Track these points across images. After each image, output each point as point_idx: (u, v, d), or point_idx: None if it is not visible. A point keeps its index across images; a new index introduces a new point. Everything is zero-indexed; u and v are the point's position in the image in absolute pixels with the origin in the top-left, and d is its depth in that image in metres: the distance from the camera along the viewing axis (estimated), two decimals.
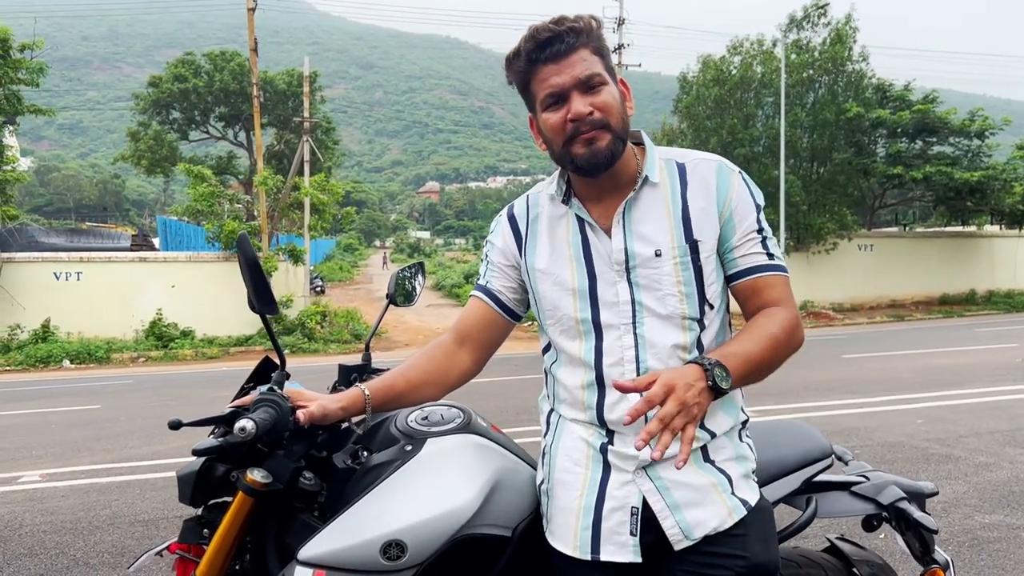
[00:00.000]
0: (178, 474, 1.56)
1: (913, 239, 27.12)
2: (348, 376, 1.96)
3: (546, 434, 1.64)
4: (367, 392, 1.58)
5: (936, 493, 2.01)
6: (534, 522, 1.61)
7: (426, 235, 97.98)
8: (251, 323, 19.15)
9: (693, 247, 1.48)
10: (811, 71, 24.21)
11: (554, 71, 1.43)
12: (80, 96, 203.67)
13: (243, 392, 1.67)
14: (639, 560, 1.46)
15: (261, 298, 1.49)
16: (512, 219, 1.65)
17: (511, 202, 1.73)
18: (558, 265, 1.55)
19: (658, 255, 1.48)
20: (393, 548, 1.48)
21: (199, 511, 1.62)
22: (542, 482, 1.61)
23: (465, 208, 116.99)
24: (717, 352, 1.42)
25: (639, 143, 1.57)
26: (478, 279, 1.71)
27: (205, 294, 19.08)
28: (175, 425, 1.48)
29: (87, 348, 17.51)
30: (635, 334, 1.48)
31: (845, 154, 23.97)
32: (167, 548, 1.69)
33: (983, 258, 26.43)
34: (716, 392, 1.33)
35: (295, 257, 20.39)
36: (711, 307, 1.51)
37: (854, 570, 1.94)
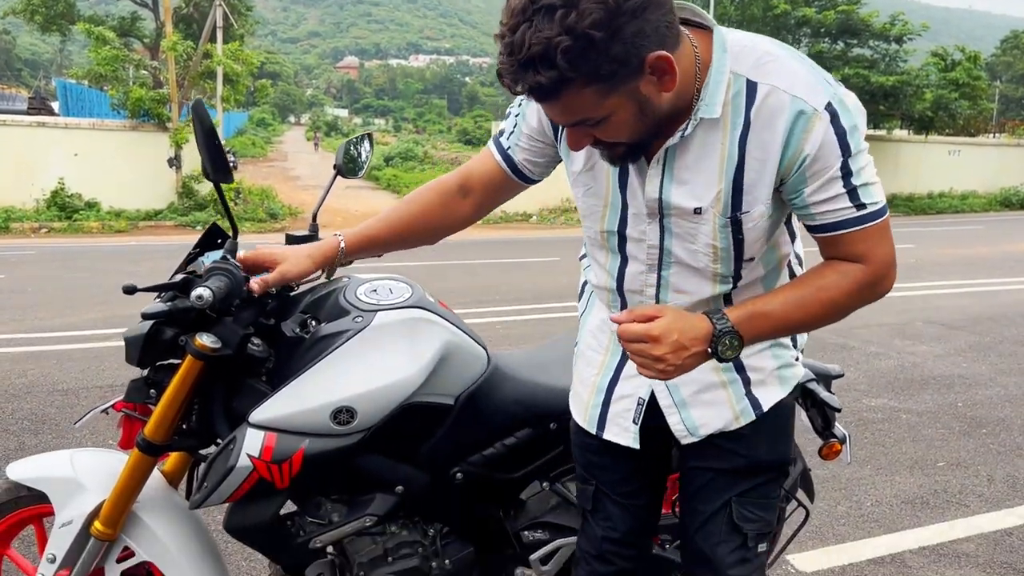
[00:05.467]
0: (125, 336, 1.58)
1: None
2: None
3: (580, 299, 1.66)
4: (343, 244, 1.58)
5: (842, 375, 2.20)
6: (475, 391, 1.70)
7: (344, 113, 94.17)
8: (161, 198, 18.45)
9: (735, 220, 1.26)
10: None
11: (544, 107, 1.19)
12: None
13: (190, 259, 1.67)
14: (637, 447, 1.49)
15: (216, 166, 1.48)
16: None
17: None
18: (593, 177, 1.36)
19: (697, 212, 1.27)
20: (343, 414, 1.55)
21: (145, 372, 1.65)
22: (575, 345, 1.65)
23: (385, 87, 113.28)
24: (748, 307, 1.27)
25: (707, 27, 1.26)
26: (501, 132, 1.52)
27: (111, 165, 18.16)
28: (130, 290, 1.49)
29: None
30: (659, 275, 1.37)
31: None
32: (112, 406, 1.73)
33: (889, 162, 27.39)
34: (717, 358, 1.26)
35: None
36: (750, 260, 1.35)
37: None
